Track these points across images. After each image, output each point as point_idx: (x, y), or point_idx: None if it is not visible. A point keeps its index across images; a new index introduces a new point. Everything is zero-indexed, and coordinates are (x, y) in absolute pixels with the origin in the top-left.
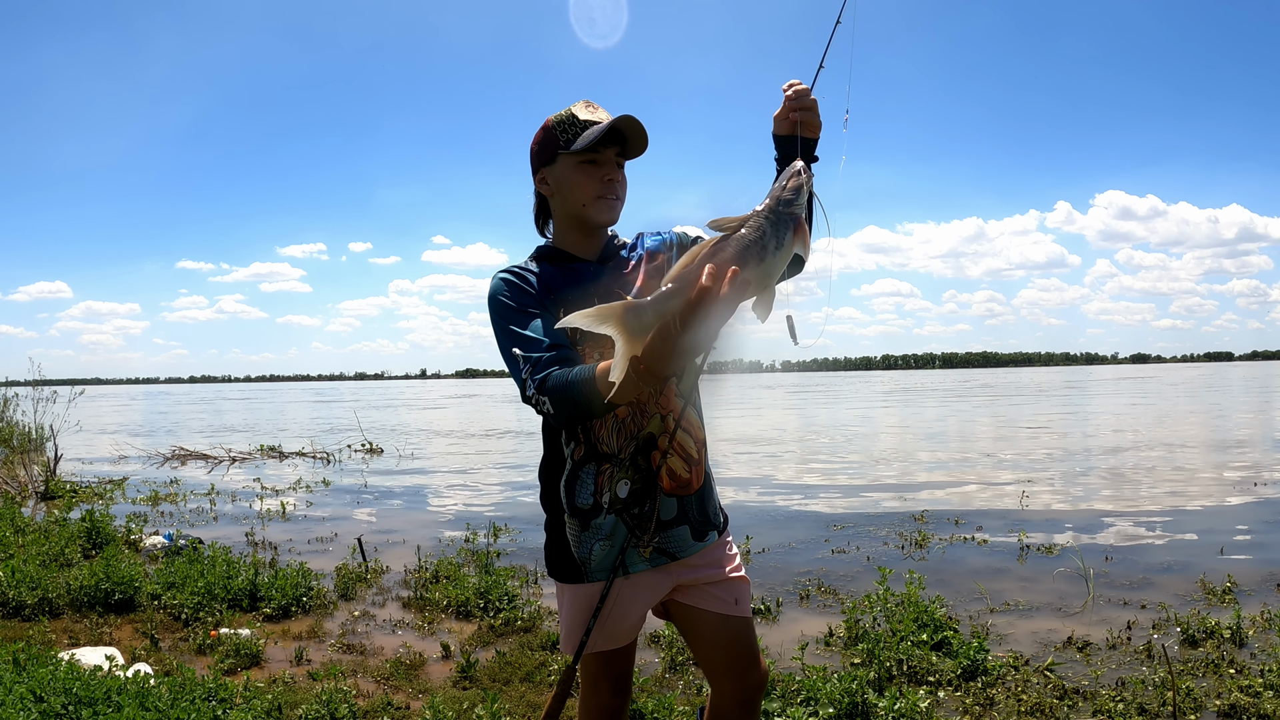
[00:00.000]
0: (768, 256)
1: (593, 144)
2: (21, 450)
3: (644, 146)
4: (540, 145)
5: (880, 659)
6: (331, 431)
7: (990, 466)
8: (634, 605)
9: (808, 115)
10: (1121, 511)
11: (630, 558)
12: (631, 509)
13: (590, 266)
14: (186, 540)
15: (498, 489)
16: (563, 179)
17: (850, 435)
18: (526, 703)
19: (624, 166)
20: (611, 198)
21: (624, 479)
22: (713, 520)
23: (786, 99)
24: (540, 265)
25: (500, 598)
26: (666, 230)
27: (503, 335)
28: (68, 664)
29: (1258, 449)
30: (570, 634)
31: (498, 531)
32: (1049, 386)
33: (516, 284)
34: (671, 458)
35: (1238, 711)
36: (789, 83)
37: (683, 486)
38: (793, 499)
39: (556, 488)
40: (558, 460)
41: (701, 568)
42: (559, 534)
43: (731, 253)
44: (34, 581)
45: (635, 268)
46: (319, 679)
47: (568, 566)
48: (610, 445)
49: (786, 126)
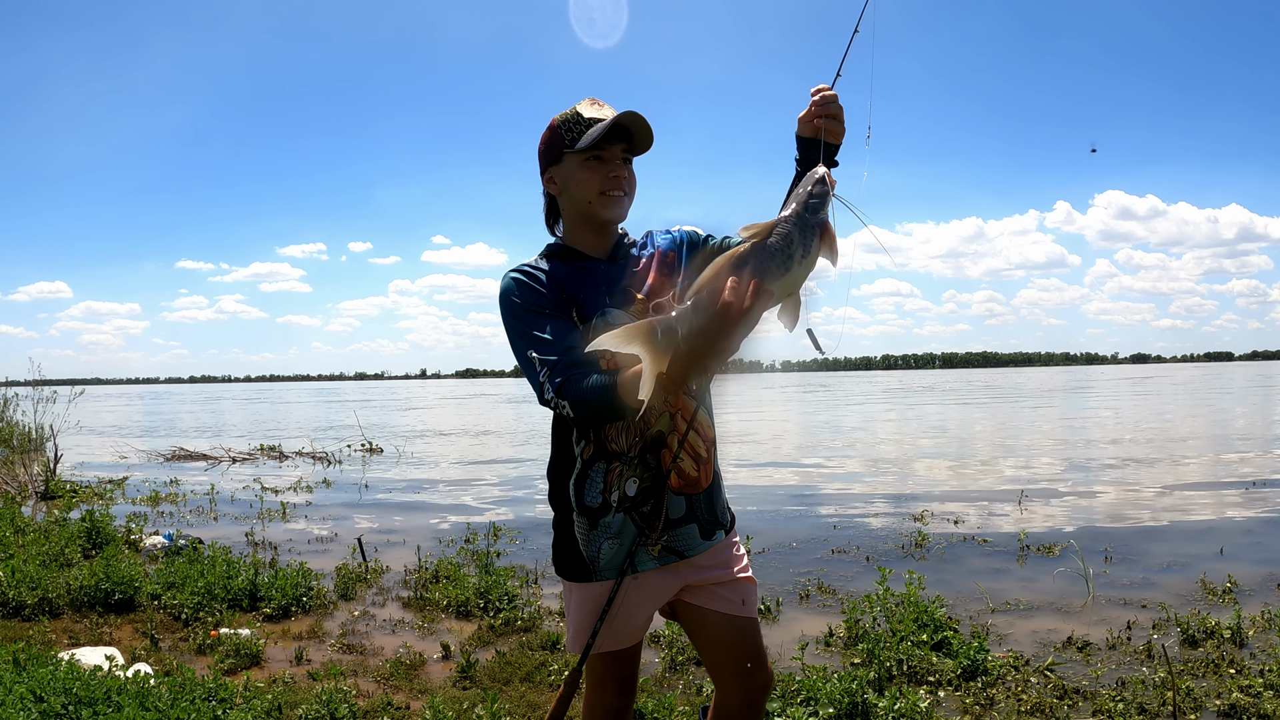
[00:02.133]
0: (793, 265)
1: (596, 141)
2: (21, 450)
3: (649, 142)
4: (547, 145)
5: (880, 659)
6: (331, 431)
7: (990, 466)
8: (642, 605)
9: (832, 123)
10: (1122, 511)
11: (639, 556)
12: (640, 507)
13: (601, 265)
14: (186, 540)
15: (498, 489)
16: (569, 177)
17: (850, 435)
18: (526, 703)
19: (631, 162)
20: (618, 193)
21: (633, 477)
22: (720, 519)
23: (813, 102)
24: (551, 263)
25: (500, 598)
26: (677, 228)
27: (517, 336)
28: (68, 664)
29: (1258, 449)
30: (578, 634)
31: (498, 531)
32: (1051, 387)
33: (528, 284)
34: (681, 457)
35: (1238, 711)
36: (817, 87)
37: (691, 485)
38: (793, 499)
39: (566, 486)
40: (567, 459)
41: (709, 568)
42: (567, 533)
43: (756, 264)
44: (34, 581)
45: (646, 266)
46: (319, 679)
47: (576, 565)
48: (619, 444)
49: (809, 130)
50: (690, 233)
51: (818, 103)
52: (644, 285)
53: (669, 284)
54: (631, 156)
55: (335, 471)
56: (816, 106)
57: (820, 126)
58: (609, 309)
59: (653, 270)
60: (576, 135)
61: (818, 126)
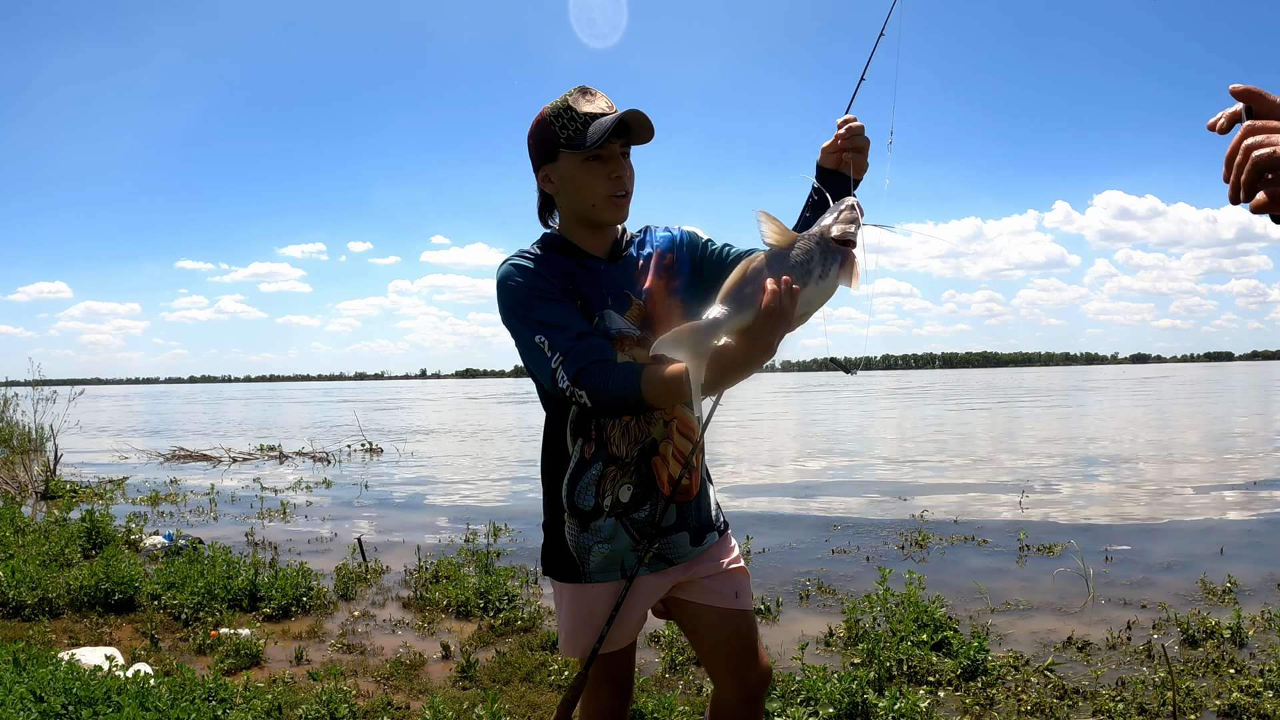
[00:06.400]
0: (810, 283)
1: (598, 142)
2: (21, 450)
3: (650, 135)
4: (538, 141)
5: (880, 659)
6: (331, 431)
7: (990, 466)
8: (634, 607)
9: (859, 157)
10: (1122, 511)
11: (629, 561)
12: (631, 513)
13: (601, 265)
14: (186, 540)
15: (497, 489)
16: (568, 178)
17: (850, 435)
18: (526, 703)
19: (630, 154)
20: (620, 195)
21: (627, 483)
22: (709, 523)
23: (839, 135)
24: (552, 254)
25: (500, 598)
26: (677, 227)
27: (521, 322)
28: (68, 664)
29: (1259, 449)
30: (572, 636)
31: (497, 531)
32: (1052, 387)
33: (532, 269)
34: (672, 463)
35: (1238, 711)
36: (844, 118)
37: (683, 493)
38: (793, 499)
39: (558, 486)
40: (561, 457)
41: (698, 562)
42: (558, 533)
43: (773, 272)
44: (34, 581)
45: (645, 267)
46: (319, 679)
47: (565, 566)
48: (619, 448)
49: (833, 161)
50: (691, 233)
51: (844, 136)
52: (643, 288)
53: (666, 286)
54: (629, 149)
55: (335, 471)
56: (843, 140)
57: (848, 161)
58: (608, 311)
59: (650, 273)
60: (573, 133)
61: (844, 160)
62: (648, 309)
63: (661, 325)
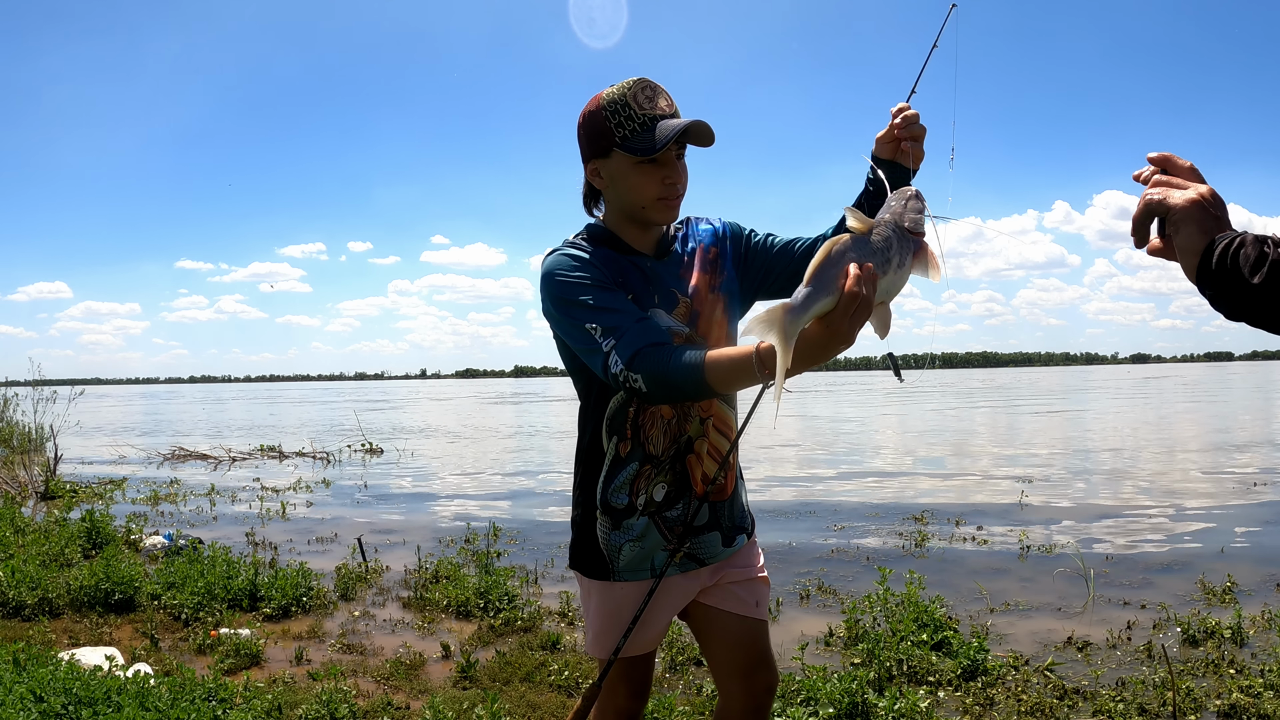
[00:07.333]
0: (889, 271)
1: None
2: (21, 450)
3: (709, 142)
4: (590, 134)
5: (880, 659)
6: (331, 431)
7: (990, 466)
8: (663, 610)
9: (916, 145)
10: (1122, 511)
11: (659, 560)
12: (664, 512)
13: (647, 262)
14: (186, 540)
15: (498, 489)
16: (619, 177)
17: (850, 435)
18: (526, 703)
19: (685, 154)
20: (672, 199)
21: (661, 483)
22: (741, 524)
23: (894, 124)
24: (598, 247)
25: (500, 598)
26: (719, 219)
27: (569, 310)
28: (68, 664)
29: (1259, 449)
30: (600, 636)
31: (498, 531)
32: (1052, 387)
33: (582, 256)
34: (707, 461)
35: (1238, 711)
36: (898, 106)
37: (717, 492)
38: (793, 498)
39: (593, 484)
40: (595, 455)
41: (726, 566)
42: (589, 530)
43: (857, 256)
44: (34, 581)
45: (690, 264)
46: (319, 679)
47: (595, 563)
48: (656, 446)
49: (889, 151)
50: (733, 225)
51: (899, 124)
52: (688, 286)
53: (711, 282)
54: (684, 149)
55: (335, 471)
56: (899, 129)
57: (907, 150)
58: (656, 310)
59: (695, 269)
60: (629, 133)
61: (902, 149)
62: (694, 306)
63: (707, 322)
